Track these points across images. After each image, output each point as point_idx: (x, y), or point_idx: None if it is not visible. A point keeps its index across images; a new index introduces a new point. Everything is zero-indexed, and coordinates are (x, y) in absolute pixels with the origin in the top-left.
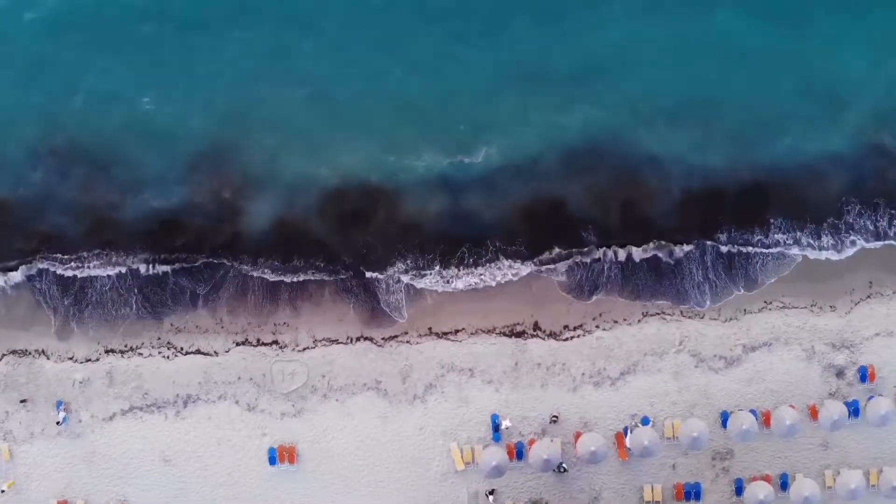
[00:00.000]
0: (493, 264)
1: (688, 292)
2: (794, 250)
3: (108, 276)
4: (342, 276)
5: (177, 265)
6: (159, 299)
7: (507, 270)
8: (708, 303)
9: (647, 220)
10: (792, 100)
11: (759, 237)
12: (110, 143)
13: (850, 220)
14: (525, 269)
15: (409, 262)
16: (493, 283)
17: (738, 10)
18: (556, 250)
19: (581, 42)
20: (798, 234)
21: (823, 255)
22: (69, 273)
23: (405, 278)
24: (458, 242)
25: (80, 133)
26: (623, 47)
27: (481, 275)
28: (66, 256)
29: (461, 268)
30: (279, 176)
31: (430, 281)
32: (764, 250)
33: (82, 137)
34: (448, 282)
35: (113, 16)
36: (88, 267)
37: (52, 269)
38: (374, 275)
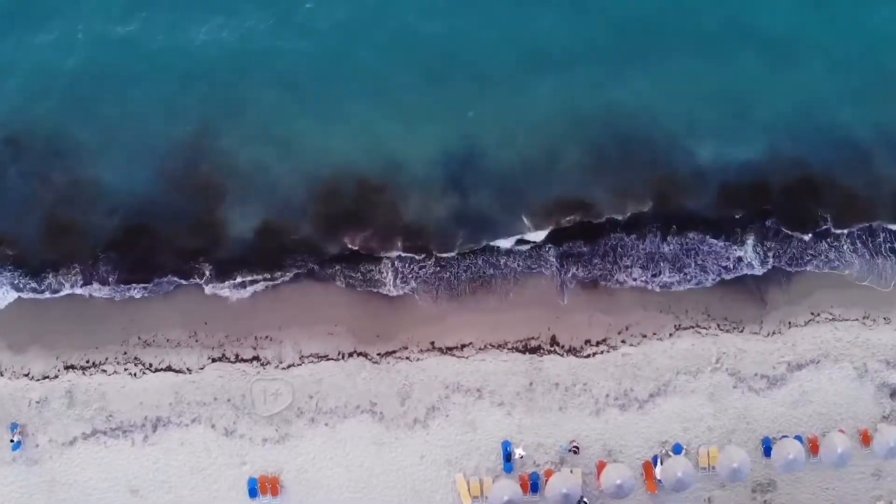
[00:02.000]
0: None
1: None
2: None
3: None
4: (332, 275)
5: (149, 271)
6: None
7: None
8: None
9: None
10: None
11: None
12: (78, 134)
13: None
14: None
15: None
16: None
17: None
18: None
19: None
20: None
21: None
22: (28, 295)
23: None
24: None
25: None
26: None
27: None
28: (27, 277)
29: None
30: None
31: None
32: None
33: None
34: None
35: None
36: (50, 283)
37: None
38: (370, 268)
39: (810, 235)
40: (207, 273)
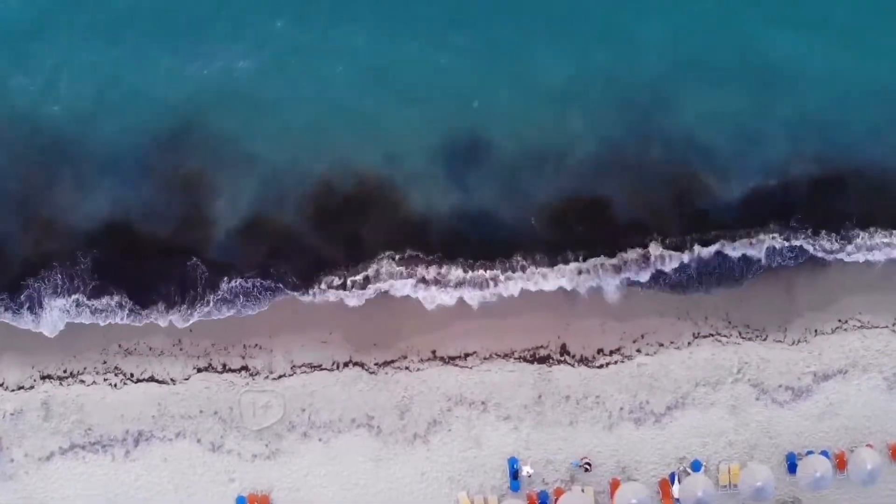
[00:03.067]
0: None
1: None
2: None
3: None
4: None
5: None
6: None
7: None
8: None
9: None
10: None
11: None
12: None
13: None
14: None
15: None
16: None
17: None
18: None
19: None
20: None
21: None
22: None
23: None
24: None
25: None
26: None
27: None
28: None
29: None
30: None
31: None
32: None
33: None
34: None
35: None
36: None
37: None
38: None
39: (836, 233)
40: (197, 272)
